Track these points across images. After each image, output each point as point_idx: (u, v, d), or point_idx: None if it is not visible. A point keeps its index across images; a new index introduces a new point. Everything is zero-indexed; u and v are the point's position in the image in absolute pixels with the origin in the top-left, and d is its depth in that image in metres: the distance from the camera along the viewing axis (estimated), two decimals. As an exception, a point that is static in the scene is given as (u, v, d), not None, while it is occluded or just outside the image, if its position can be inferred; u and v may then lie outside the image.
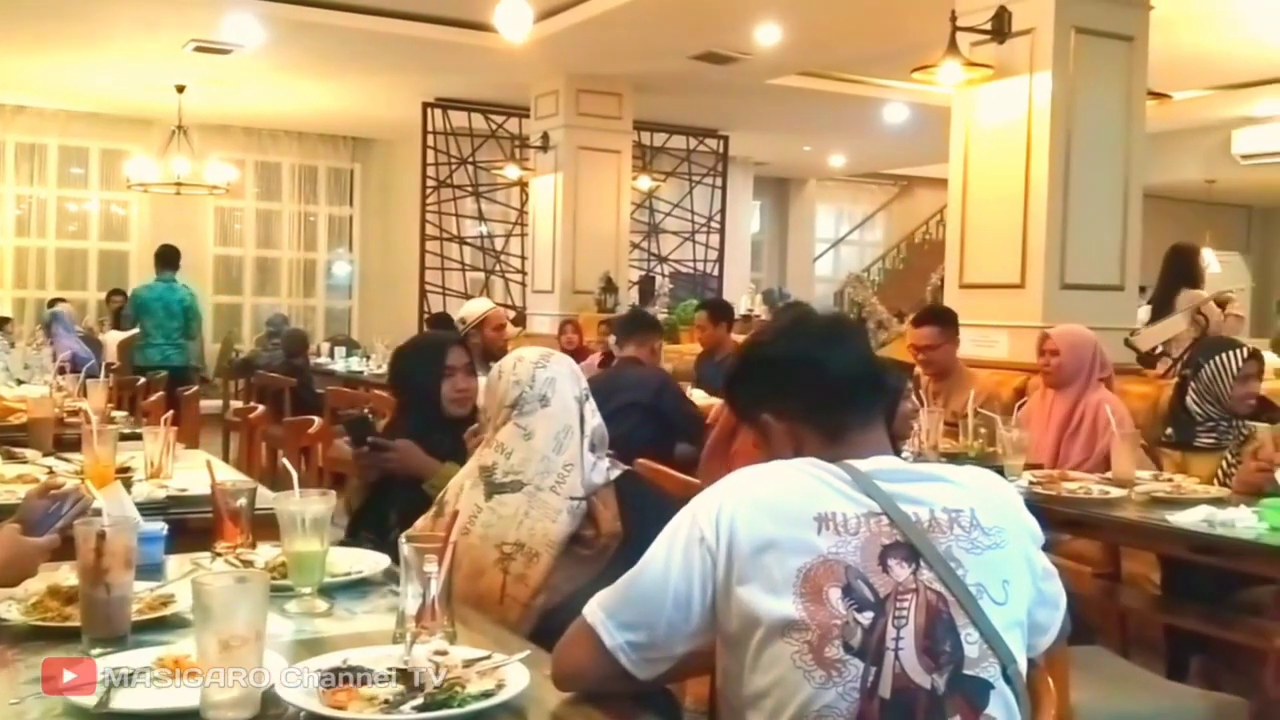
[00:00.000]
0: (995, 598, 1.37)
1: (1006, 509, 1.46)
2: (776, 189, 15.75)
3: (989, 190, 5.50)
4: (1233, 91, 9.42)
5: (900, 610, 1.33)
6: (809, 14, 7.52)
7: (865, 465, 1.44)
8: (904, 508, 1.39)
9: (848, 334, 1.64)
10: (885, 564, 1.35)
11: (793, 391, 1.55)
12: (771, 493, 1.41)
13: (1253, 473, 3.21)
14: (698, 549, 1.39)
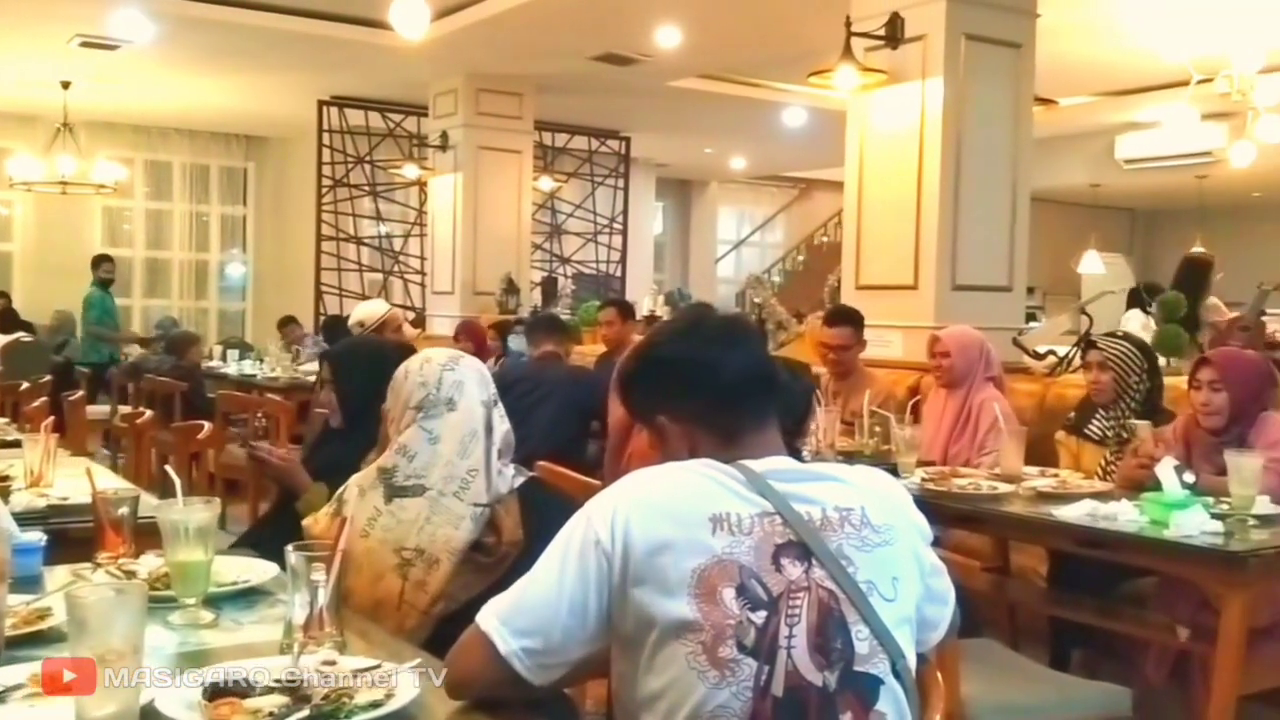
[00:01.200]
0: (885, 594, 1.39)
1: (896, 507, 1.48)
2: (678, 190, 15.84)
3: (883, 193, 5.59)
4: (1116, 98, 9.74)
5: (793, 609, 1.35)
6: (708, 17, 7.58)
7: (759, 465, 1.45)
8: (797, 507, 1.40)
9: (743, 335, 1.64)
10: (778, 563, 1.37)
11: (688, 393, 1.55)
12: (666, 494, 1.42)
13: (1134, 469, 3.32)
14: (593, 553, 1.39)
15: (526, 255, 9.98)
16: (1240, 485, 2.95)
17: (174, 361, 7.66)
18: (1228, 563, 2.65)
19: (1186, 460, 3.35)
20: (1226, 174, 9.48)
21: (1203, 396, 3.32)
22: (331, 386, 2.80)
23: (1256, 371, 3.38)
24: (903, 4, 5.39)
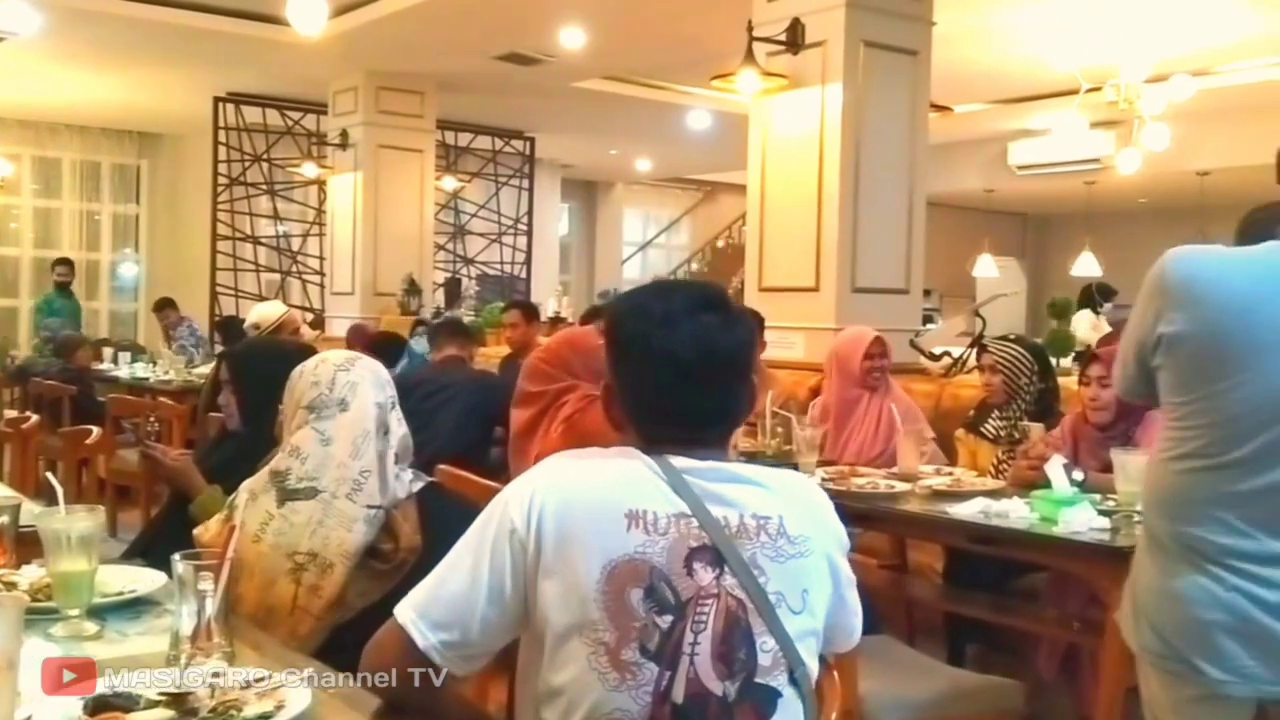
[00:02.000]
0: (793, 607, 1.37)
1: (815, 517, 1.45)
2: (584, 191, 15.83)
3: (786, 197, 5.65)
4: (1009, 105, 9.99)
5: (700, 615, 1.33)
6: (612, 19, 7.58)
7: (683, 461, 1.41)
8: (714, 511, 1.37)
9: (683, 323, 1.52)
10: (690, 567, 1.34)
11: (617, 371, 1.50)
12: (585, 485, 1.39)
13: (1024, 470, 3.41)
14: (508, 541, 1.36)
15: (429, 256, 9.88)
16: (1126, 482, 3.03)
17: (62, 365, 7.40)
18: (1114, 558, 2.73)
19: (1074, 457, 3.45)
20: (1114, 180, 9.78)
21: (1091, 392, 3.42)
22: (230, 388, 2.74)
23: (1142, 370, 3.49)
24: (803, 10, 5.46)
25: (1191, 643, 1.83)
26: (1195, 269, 1.88)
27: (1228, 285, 1.83)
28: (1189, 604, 1.82)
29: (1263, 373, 1.78)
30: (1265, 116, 9.20)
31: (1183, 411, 1.87)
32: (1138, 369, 1.96)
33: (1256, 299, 1.80)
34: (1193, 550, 1.83)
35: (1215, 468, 1.82)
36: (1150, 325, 1.89)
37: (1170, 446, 1.90)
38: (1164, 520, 1.88)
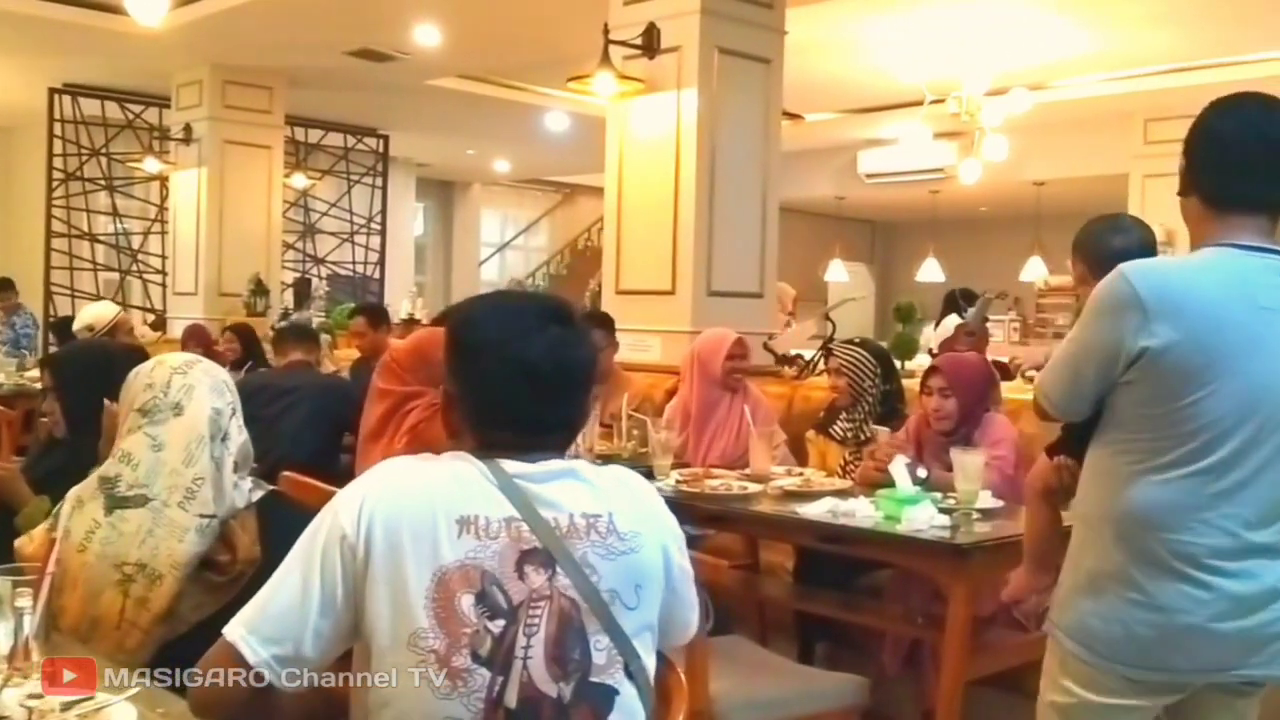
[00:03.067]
0: (627, 603, 1.39)
1: (646, 512, 1.47)
2: (440, 191, 15.62)
3: (642, 200, 5.68)
4: (859, 115, 10.26)
5: (533, 618, 1.33)
6: (467, 18, 7.50)
7: (513, 465, 1.41)
8: (544, 513, 1.38)
9: (518, 332, 1.53)
10: (522, 570, 1.34)
11: (454, 376, 1.51)
12: (416, 491, 1.38)
13: (870, 471, 3.50)
14: (338, 549, 1.34)
15: (277, 255, 9.61)
16: (966, 481, 3.15)
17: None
18: (953, 555, 2.82)
19: (917, 457, 3.55)
20: (957, 189, 10.15)
21: (934, 403, 3.53)
22: (54, 394, 2.61)
23: (981, 375, 3.62)
24: (659, 15, 5.50)
25: (1170, 649, 1.85)
26: (1166, 280, 1.89)
27: (1201, 293, 1.86)
28: (1174, 611, 1.83)
29: (1238, 374, 1.84)
30: (1096, 130, 9.69)
31: (1161, 422, 1.87)
32: (1097, 385, 1.94)
33: (1226, 305, 1.85)
34: (1183, 558, 1.85)
35: (1199, 473, 1.85)
36: (1124, 340, 1.86)
37: (1143, 458, 1.89)
38: (1148, 532, 1.87)
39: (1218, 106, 2.01)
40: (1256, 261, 1.89)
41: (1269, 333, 1.86)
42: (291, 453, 3.85)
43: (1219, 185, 1.96)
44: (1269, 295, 1.88)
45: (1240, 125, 1.96)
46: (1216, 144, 1.96)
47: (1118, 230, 2.50)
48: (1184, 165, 1.99)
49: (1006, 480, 3.39)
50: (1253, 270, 1.89)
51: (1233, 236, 1.91)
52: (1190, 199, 1.98)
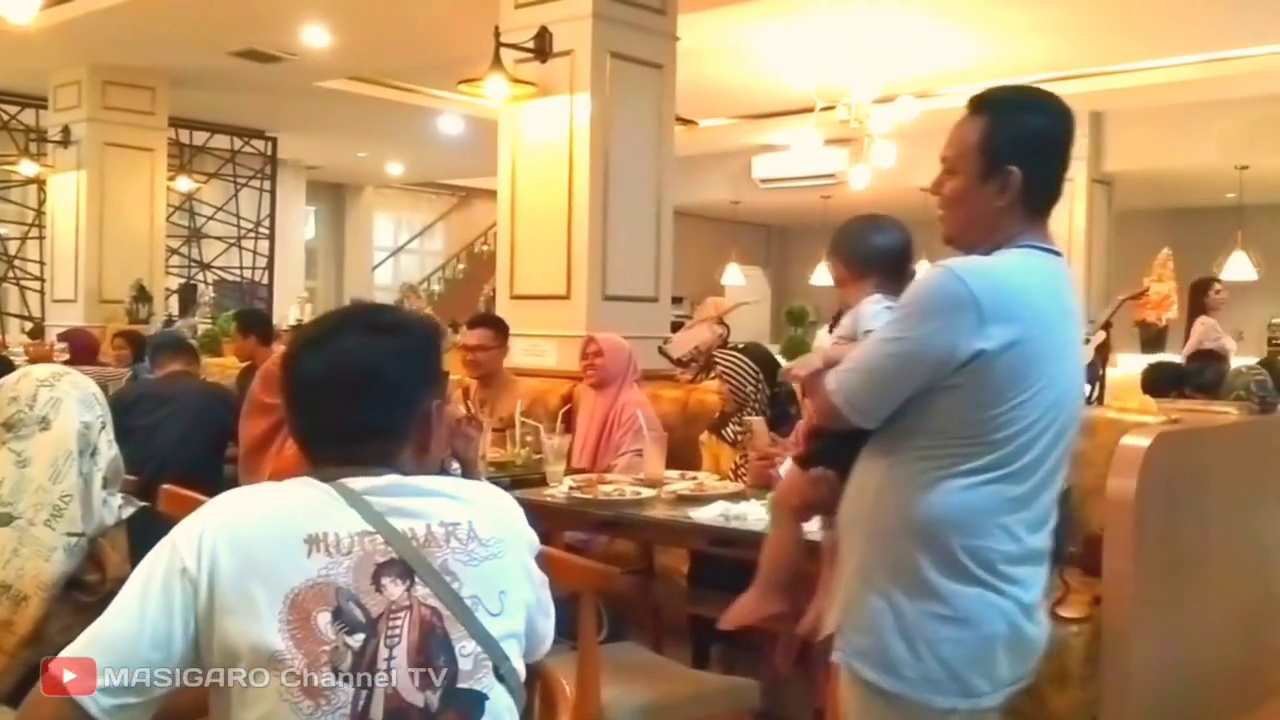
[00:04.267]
0: (491, 609, 1.37)
1: (505, 520, 1.47)
2: (332, 195, 15.36)
3: (536, 204, 5.65)
4: (752, 121, 10.37)
5: (393, 629, 1.31)
6: (356, 19, 7.39)
7: (361, 483, 1.39)
8: (398, 524, 1.36)
9: (330, 340, 1.50)
10: (379, 583, 1.32)
11: (285, 396, 1.49)
12: (258, 515, 1.35)
13: (755, 464, 3.53)
14: (178, 582, 1.30)
15: (161, 261, 9.35)
16: (855, 482, 3.19)
17: None
18: (842, 555, 2.85)
19: (809, 460, 3.59)
20: (848, 195, 10.29)
21: (822, 401, 3.56)
22: None
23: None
24: (551, 19, 5.48)
25: (975, 663, 1.80)
26: (999, 282, 1.83)
27: (1031, 295, 1.83)
28: (978, 622, 1.79)
29: (1050, 378, 1.82)
30: (980, 138, 9.93)
31: (980, 427, 1.81)
32: (914, 389, 1.84)
33: (1048, 308, 1.85)
34: (983, 564, 1.81)
35: (1004, 478, 1.81)
36: (958, 342, 1.78)
37: (950, 463, 1.82)
38: (952, 539, 1.81)
39: (1044, 105, 1.96)
40: (1053, 264, 1.91)
41: (1068, 338, 1.88)
42: (171, 463, 3.73)
43: (1049, 186, 1.94)
44: (1065, 299, 1.90)
45: (1066, 128, 1.95)
46: (1053, 144, 1.94)
47: (879, 230, 2.47)
48: (1018, 179, 1.89)
49: (893, 481, 3.44)
50: (1053, 273, 1.90)
51: (1037, 238, 1.90)
52: (1013, 207, 1.90)
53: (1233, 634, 3.99)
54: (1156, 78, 8.33)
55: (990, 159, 1.89)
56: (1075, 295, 1.97)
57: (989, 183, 1.90)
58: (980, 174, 1.91)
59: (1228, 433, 4.16)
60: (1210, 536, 3.85)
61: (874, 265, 2.25)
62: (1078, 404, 1.94)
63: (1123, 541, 3.31)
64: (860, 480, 1.94)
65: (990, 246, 1.90)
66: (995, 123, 1.92)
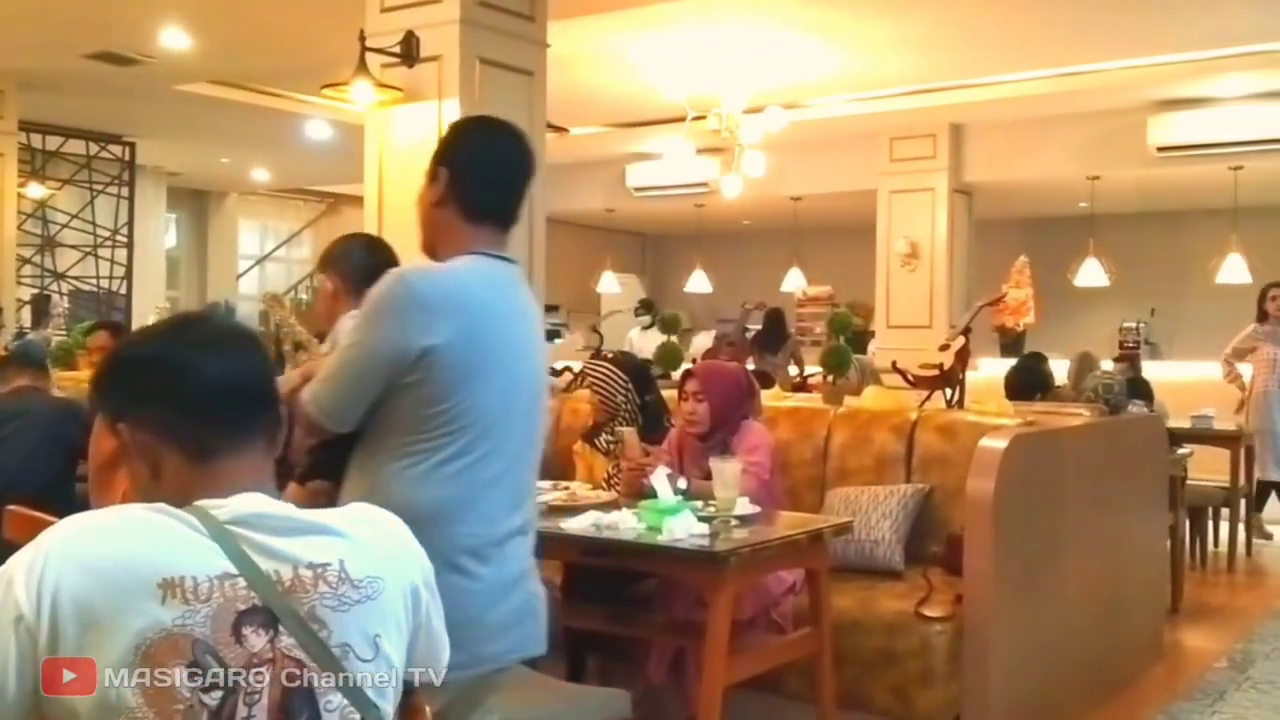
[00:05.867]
0: (363, 655, 1.28)
1: (385, 552, 1.36)
2: (194, 202, 14.87)
3: (405, 212, 5.48)
4: (625, 129, 10.39)
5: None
6: (216, 21, 7.17)
7: (226, 511, 1.27)
8: (263, 565, 1.24)
9: (238, 344, 1.43)
10: (239, 633, 1.21)
11: (153, 396, 1.34)
12: (107, 554, 1.20)
13: (628, 473, 3.54)
14: (12, 630, 1.16)
15: (11, 271, 8.93)
16: (723, 489, 3.22)
17: None
18: (711, 562, 2.87)
19: (679, 467, 3.61)
20: (720, 203, 10.40)
21: (689, 406, 3.60)
22: None
23: (736, 382, 3.71)
24: (418, 23, 5.39)
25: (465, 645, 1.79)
26: (441, 282, 2.09)
27: (473, 294, 2.07)
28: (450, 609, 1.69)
29: (500, 370, 2.07)
30: (847, 147, 10.17)
31: (440, 419, 2.04)
32: (378, 390, 2.06)
33: (493, 306, 2.08)
34: (464, 551, 2.01)
35: (476, 463, 2.05)
36: (410, 340, 2.02)
37: (426, 456, 2.04)
38: (438, 529, 1.89)
39: (481, 130, 2.31)
40: (503, 269, 2.17)
41: (520, 333, 2.12)
42: (17, 483, 3.55)
43: (476, 199, 2.18)
44: (517, 300, 2.17)
45: (499, 149, 2.24)
46: (480, 164, 2.21)
47: (370, 249, 2.91)
48: (445, 178, 2.19)
49: (764, 485, 3.49)
50: (502, 276, 2.16)
51: (482, 245, 2.16)
52: (446, 209, 2.18)
53: (1088, 627, 4.15)
54: (1012, 91, 8.63)
55: (433, 162, 2.22)
56: (530, 297, 2.28)
57: (432, 185, 2.21)
58: (428, 176, 2.23)
59: (1080, 433, 4.32)
60: (1065, 533, 3.99)
61: (363, 283, 2.41)
62: (537, 390, 2.22)
63: (982, 541, 3.41)
64: (352, 485, 2.12)
65: (447, 254, 2.16)
66: (446, 134, 2.31)
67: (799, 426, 4.30)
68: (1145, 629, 4.80)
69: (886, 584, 3.68)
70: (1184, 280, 11.54)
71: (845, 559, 3.76)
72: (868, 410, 4.39)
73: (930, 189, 9.87)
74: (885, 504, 3.87)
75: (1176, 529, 5.60)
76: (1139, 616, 4.72)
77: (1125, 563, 4.55)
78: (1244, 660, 4.94)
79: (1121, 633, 4.51)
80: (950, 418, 4.18)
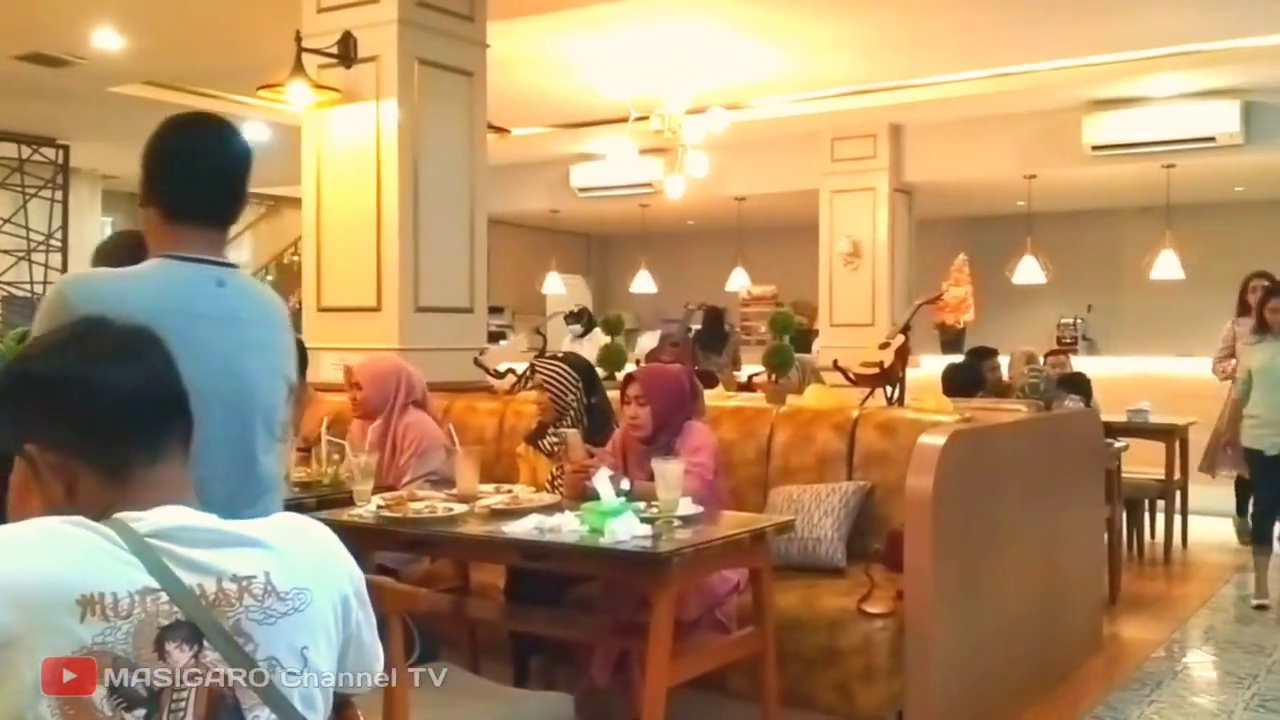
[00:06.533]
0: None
1: (312, 562, 1.33)
2: (131, 205, 14.42)
3: (343, 214, 5.50)
4: (568, 130, 10.35)
5: (177, 702, 1.18)
6: (150, 22, 7.04)
7: (147, 524, 1.23)
8: (187, 579, 1.21)
9: (138, 351, 1.38)
10: (163, 650, 1.18)
11: (60, 417, 1.30)
12: (21, 571, 1.15)
13: (572, 476, 3.53)
14: None
15: (-61, 276, 8.71)
16: (666, 490, 3.21)
17: None
18: (654, 564, 2.87)
19: (624, 469, 3.61)
20: (664, 204, 10.41)
21: (631, 410, 3.60)
22: None
23: (678, 385, 3.71)
24: (355, 24, 5.35)
25: None
26: (98, 289, 2.00)
27: (137, 300, 1.91)
28: None
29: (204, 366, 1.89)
30: (789, 147, 10.22)
31: None
32: None
33: (162, 312, 1.87)
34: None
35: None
36: None
37: None
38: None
39: (177, 124, 2.18)
40: (196, 271, 2.07)
41: (203, 338, 1.98)
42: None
43: (173, 199, 2.10)
44: (207, 303, 2.05)
45: (195, 143, 2.15)
46: (174, 160, 2.12)
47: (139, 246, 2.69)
48: (144, 178, 2.12)
49: (707, 486, 3.49)
50: (192, 279, 2.06)
51: (181, 248, 2.08)
52: (150, 210, 2.11)
53: (1028, 620, 4.20)
54: (951, 92, 8.72)
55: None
56: (251, 300, 2.19)
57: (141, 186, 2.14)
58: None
59: (1017, 429, 4.37)
60: (1004, 528, 4.03)
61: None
62: (246, 401, 2.09)
63: (922, 537, 3.44)
64: None
65: (156, 256, 2.09)
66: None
67: (742, 426, 4.31)
68: (1084, 621, 4.87)
69: (829, 581, 3.70)
70: (1119, 277, 11.74)
71: (788, 557, 3.78)
72: (810, 409, 4.41)
73: (871, 189, 9.96)
74: (827, 502, 3.89)
75: (1113, 522, 5.69)
76: (1078, 609, 4.79)
77: (1064, 556, 4.61)
78: (1180, 650, 5.04)
79: (1061, 625, 4.58)
80: (890, 415, 4.22)
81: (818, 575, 3.76)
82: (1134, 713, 4.06)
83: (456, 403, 4.99)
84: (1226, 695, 4.32)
